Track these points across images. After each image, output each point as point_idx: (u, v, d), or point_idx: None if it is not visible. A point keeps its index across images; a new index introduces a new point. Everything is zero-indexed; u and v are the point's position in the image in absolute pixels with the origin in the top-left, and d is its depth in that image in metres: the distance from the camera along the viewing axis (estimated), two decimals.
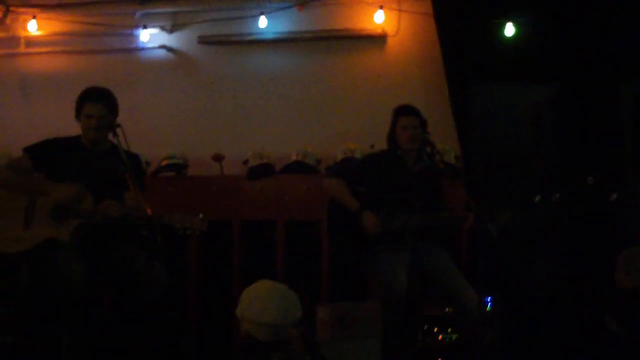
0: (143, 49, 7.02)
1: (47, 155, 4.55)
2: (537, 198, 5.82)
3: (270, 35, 6.79)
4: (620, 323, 4.62)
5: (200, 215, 4.31)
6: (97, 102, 4.57)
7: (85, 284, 4.25)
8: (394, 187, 4.84)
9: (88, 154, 4.58)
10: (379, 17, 6.56)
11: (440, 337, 5.19)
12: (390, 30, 6.66)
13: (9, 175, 4.54)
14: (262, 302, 3.54)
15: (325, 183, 5.07)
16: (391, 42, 6.69)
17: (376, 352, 4.47)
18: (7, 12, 7.12)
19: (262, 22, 6.66)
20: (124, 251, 4.54)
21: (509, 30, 6.11)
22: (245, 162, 6.26)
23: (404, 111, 4.94)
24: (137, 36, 6.97)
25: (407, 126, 4.88)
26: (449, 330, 5.20)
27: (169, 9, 6.98)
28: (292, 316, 3.52)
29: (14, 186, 4.49)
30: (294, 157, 6.27)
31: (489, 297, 5.20)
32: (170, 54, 7.01)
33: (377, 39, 6.69)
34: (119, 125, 4.42)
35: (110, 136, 4.50)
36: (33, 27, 7.04)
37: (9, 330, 5.29)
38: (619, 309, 4.69)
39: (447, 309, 5.23)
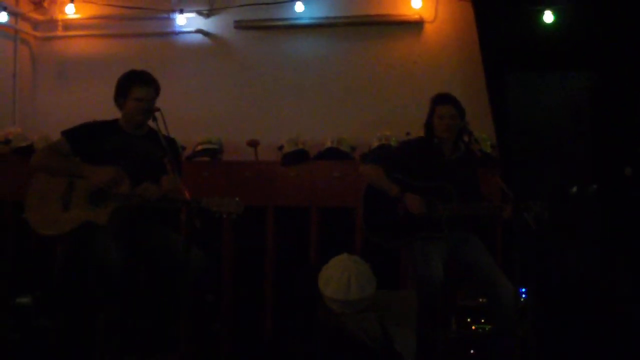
0: (179, 33, 7.04)
1: (85, 138, 4.57)
2: (574, 189, 5.79)
3: (306, 21, 6.77)
4: None
5: (237, 199, 4.31)
6: (149, 85, 4.59)
7: (122, 268, 4.28)
8: (430, 176, 4.81)
9: (126, 138, 4.60)
10: (416, 3, 6.52)
11: (473, 327, 5.17)
12: (427, 16, 6.61)
13: (48, 159, 4.57)
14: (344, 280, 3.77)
15: (362, 169, 5.04)
16: (428, 28, 6.64)
17: (410, 340, 4.47)
18: None
19: (299, 7, 6.65)
20: (162, 235, 4.57)
21: (548, 17, 6.05)
22: (280, 148, 6.26)
23: (442, 100, 4.90)
24: (173, 20, 6.99)
25: (444, 116, 4.85)
26: (482, 320, 5.18)
27: None
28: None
29: (52, 170, 4.52)
30: (328, 144, 6.25)
31: (524, 288, 5.17)
32: (206, 39, 7.02)
33: (414, 25, 6.64)
34: (158, 109, 4.45)
35: (149, 120, 4.52)
36: (71, 11, 7.08)
37: (45, 313, 5.37)
38: None
39: (480, 299, 5.21)
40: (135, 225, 4.51)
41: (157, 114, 4.42)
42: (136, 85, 4.57)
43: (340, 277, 4.32)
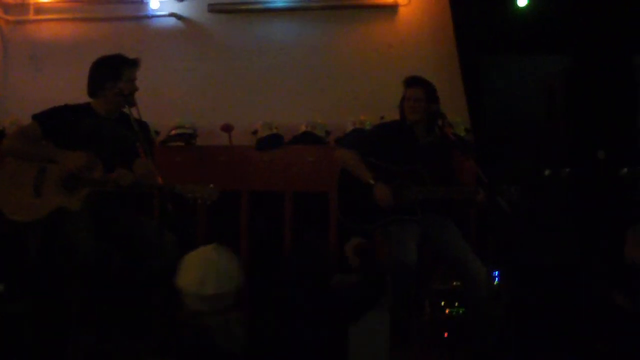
0: (153, 16, 6.99)
1: (57, 122, 4.53)
2: (547, 172, 5.81)
3: (281, 4, 6.75)
4: (627, 298, 4.62)
5: (211, 186, 4.30)
6: (137, 66, 4.62)
7: (95, 253, 4.25)
8: (403, 159, 4.81)
9: (99, 121, 4.57)
10: None
11: (447, 310, 5.19)
12: None
13: (19, 144, 4.52)
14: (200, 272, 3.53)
15: (338, 154, 5.04)
16: (402, 11, 6.63)
17: (384, 324, 4.48)
18: None
19: None
20: (134, 220, 4.54)
21: (522, 0, 6.05)
22: (254, 132, 6.25)
23: (409, 83, 4.91)
24: (146, 4, 6.95)
25: (410, 98, 4.86)
26: (456, 304, 5.20)
27: None
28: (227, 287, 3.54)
29: (23, 154, 4.48)
30: (303, 128, 6.24)
31: (497, 272, 5.19)
32: (179, 22, 6.97)
33: (389, 9, 6.63)
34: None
35: None
36: None
37: (18, 299, 5.32)
38: (626, 284, 4.68)
39: (454, 282, 5.23)
40: (108, 211, 4.48)
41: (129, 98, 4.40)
42: (128, 67, 4.58)
43: (197, 268, 3.69)
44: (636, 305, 4.56)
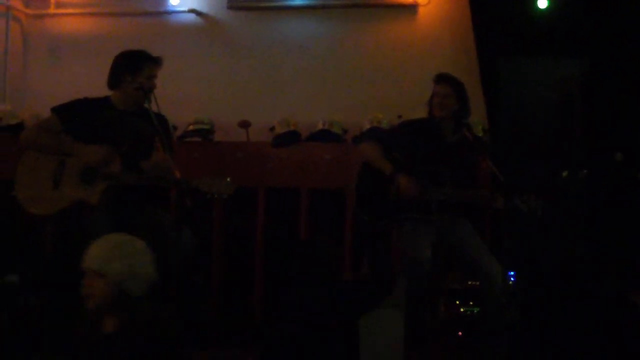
0: (172, 12, 7.00)
1: (76, 115, 4.55)
2: (565, 173, 5.80)
3: (300, 2, 6.76)
4: None
5: (228, 179, 4.31)
6: (159, 64, 4.64)
7: None
8: (427, 157, 4.80)
9: (118, 115, 4.59)
10: None
11: (461, 310, 5.19)
12: None
13: (38, 136, 4.55)
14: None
15: (362, 146, 5.03)
16: (422, 11, 6.62)
17: (398, 323, 4.48)
18: None
19: None
20: (152, 214, 4.55)
21: (542, 2, 6.05)
22: (272, 129, 6.25)
23: (438, 79, 4.90)
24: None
25: (438, 94, 4.85)
26: (471, 303, 5.20)
27: None
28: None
29: (42, 147, 4.51)
30: (320, 126, 6.24)
31: (512, 272, 5.19)
32: (199, 18, 6.98)
33: (408, 8, 6.63)
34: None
35: None
36: None
37: (33, 291, 5.35)
38: None
39: (469, 282, 5.23)
40: (125, 205, 4.49)
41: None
42: (149, 63, 4.60)
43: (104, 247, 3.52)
44: None
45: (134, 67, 4.57)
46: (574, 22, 5.95)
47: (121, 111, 4.60)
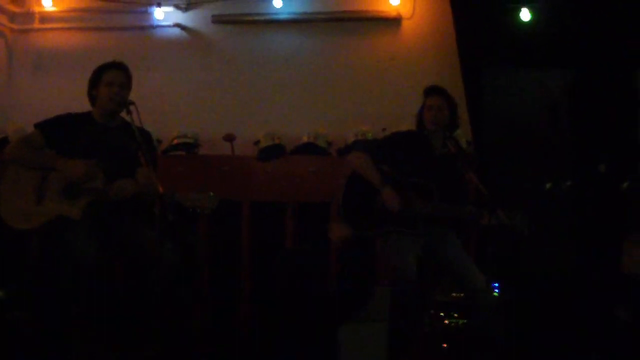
0: (157, 27, 7.01)
1: (59, 131, 4.54)
2: (549, 184, 5.82)
3: (284, 16, 6.78)
4: (627, 310, 4.62)
5: (211, 194, 4.30)
6: (119, 69, 4.60)
7: (95, 262, 4.26)
8: (416, 170, 4.79)
9: (100, 130, 4.58)
10: (394, 0, 6.52)
11: (446, 322, 5.19)
12: (405, 12, 6.63)
13: (21, 152, 4.54)
14: None
15: (351, 156, 5.02)
16: (406, 24, 6.66)
17: (383, 335, 4.48)
18: None
19: (277, 2, 6.66)
20: (135, 229, 4.54)
21: (525, 15, 6.09)
22: (257, 142, 6.26)
23: (431, 91, 4.90)
24: (151, 14, 6.96)
25: (432, 107, 4.84)
26: (456, 315, 5.20)
27: None
28: None
29: (26, 162, 4.49)
30: (305, 139, 6.26)
31: (497, 284, 5.20)
32: (184, 33, 7.00)
33: (392, 22, 6.66)
34: (132, 103, 4.42)
35: (123, 113, 4.50)
36: (48, 3, 7.05)
37: (19, 306, 5.33)
38: (626, 296, 4.69)
39: (454, 294, 5.23)
40: (108, 220, 4.48)
41: (131, 107, 4.39)
42: (107, 70, 4.57)
43: None
44: (636, 316, 4.57)
45: (94, 79, 4.59)
46: (557, 33, 5.99)
47: (103, 126, 4.59)
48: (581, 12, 5.88)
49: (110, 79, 4.54)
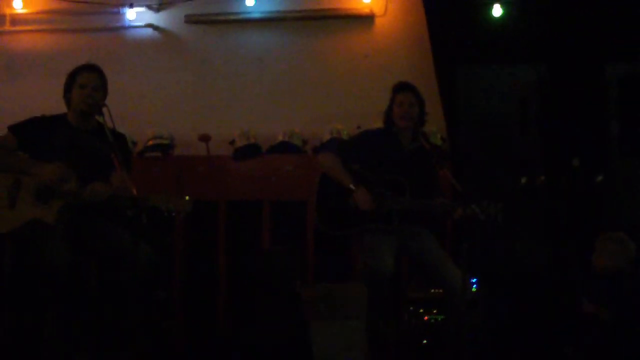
0: (129, 27, 6.97)
1: (32, 133, 4.50)
2: (523, 180, 5.86)
3: (257, 15, 6.76)
4: (595, 306, 4.67)
5: (187, 197, 4.29)
6: (92, 71, 4.56)
7: (70, 265, 4.23)
8: (386, 167, 4.80)
9: (74, 133, 4.54)
10: None
11: (425, 318, 5.21)
12: (377, 10, 6.64)
13: None
14: None
15: (320, 157, 5.04)
16: (379, 22, 6.67)
17: (361, 333, 4.50)
18: None
19: (249, 1, 6.64)
20: (109, 231, 4.51)
21: (497, 11, 6.13)
22: (232, 142, 6.25)
23: (402, 88, 4.92)
24: (123, 15, 6.93)
25: (403, 103, 4.86)
26: (434, 311, 5.22)
27: None
28: None
29: None
30: (280, 138, 6.26)
31: (474, 279, 5.22)
32: (156, 33, 6.97)
33: (365, 19, 6.67)
34: (105, 105, 4.39)
35: (96, 115, 4.48)
36: (18, 5, 7.00)
37: None
38: (593, 292, 4.74)
39: (432, 290, 5.25)
40: (82, 223, 4.46)
41: (104, 109, 4.37)
42: (80, 72, 4.54)
43: None
44: (603, 312, 4.61)
45: (69, 82, 4.57)
46: (529, 29, 6.03)
47: (77, 129, 4.56)
48: (552, 8, 5.92)
49: (84, 81, 4.51)
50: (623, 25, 5.77)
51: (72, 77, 4.56)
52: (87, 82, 4.51)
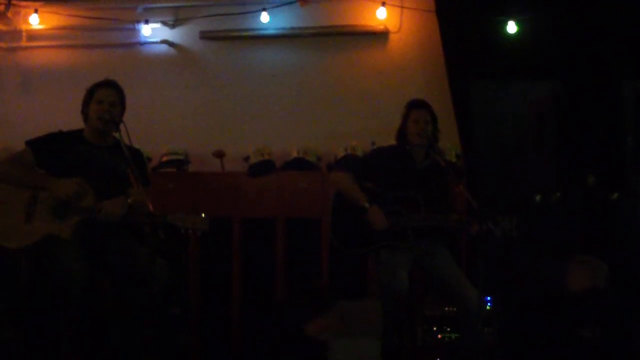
0: (145, 43, 7.00)
1: (50, 149, 4.52)
2: (538, 197, 5.83)
3: (272, 31, 6.78)
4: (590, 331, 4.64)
5: (203, 215, 4.29)
6: (110, 87, 4.58)
7: (85, 280, 4.24)
8: (400, 184, 4.80)
9: (91, 149, 4.56)
10: (381, 14, 6.54)
11: (439, 336, 5.19)
12: (392, 26, 6.65)
13: (11, 169, 4.51)
14: None
15: (333, 176, 5.05)
16: (393, 38, 6.68)
17: (376, 350, 4.47)
18: (9, 5, 7.10)
19: (264, 17, 6.66)
20: (126, 247, 4.51)
21: (511, 27, 6.13)
22: (246, 158, 6.26)
23: (417, 105, 4.92)
24: (138, 31, 6.95)
25: (419, 120, 4.85)
26: (448, 329, 5.20)
27: (170, 4, 6.97)
28: None
29: (15, 180, 4.47)
30: (294, 154, 6.26)
31: (489, 297, 5.20)
32: (171, 49, 7.00)
33: (379, 36, 6.68)
34: (121, 122, 4.41)
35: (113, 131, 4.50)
36: (35, 21, 7.03)
37: (8, 325, 5.30)
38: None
39: (446, 308, 5.23)
40: (98, 238, 4.46)
41: (120, 126, 4.38)
42: (98, 88, 4.57)
43: None
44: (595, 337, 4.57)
45: (87, 98, 4.59)
46: (544, 45, 6.03)
47: (94, 145, 4.57)
48: (567, 24, 5.92)
49: (101, 96, 4.54)
50: (639, 41, 5.76)
51: (90, 92, 4.58)
52: (104, 97, 4.53)
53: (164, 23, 6.97)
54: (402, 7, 6.63)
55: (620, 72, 5.97)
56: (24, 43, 7.21)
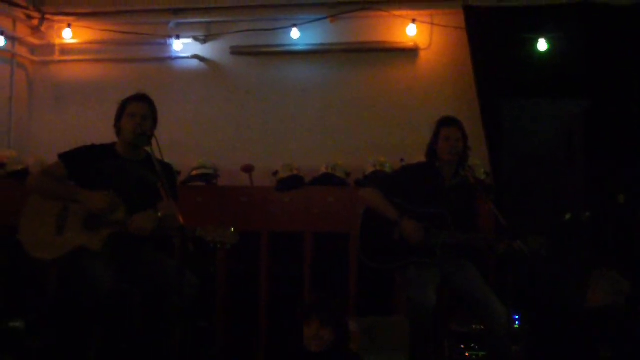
0: (176, 58, 7.08)
1: (82, 162, 4.56)
2: (568, 216, 5.80)
3: (302, 47, 6.82)
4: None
5: (232, 229, 4.30)
6: (142, 101, 4.62)
7: (114, 293, 4.27)
8: (429, 201, 4.80)
9: (122, 163, 4.59)
10: (411, 31, 6.57)
11: (467, 354, 5.16)
12: (422, 43, 6.66)
13: (43, 182, 4.57)
14: None
15: (362, 192, 5.05)
16: (423, 55, 6.69)
17: None
18: (42, 20, 7.22)
19: (295, 33, 6.70)
20: (155, 260, 4.55)
21: (542, 45, 6.12)
22: (275, 173, 6.28)
23: (448, 122, 4.91)
24: (170, 46, 7.03)
25: (450, 137, 4.85)
26: (475, 346, 5.18)
27: (202, 19, 7.04)
28: None
29: (47, 193, 4.52)
30: (323, 169, 6.27)
31: (517, 314, 5.17)
32: (202, 64, 7.06)
33: (409, 52, 6.70)
34: (152, 135, 4.44)
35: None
36: (68, 35, 7.14)
37: (38, 336, 5.35)
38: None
39: (473, 325, 5.20)
40: (128, 251, 4.50)
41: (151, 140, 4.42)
42: (131, 102, 4.60)
43: None
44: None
45: (119, 111, 4.62)
46: (574, 63, 6.01)
47: (125, 159, 4.61)
48: (597, 41, 5.90)
49: (133, 110, 4.57)
50: None
51: (123, 106, 4.62)
52: (136, 111, 4.57)
53: (195, 38, 7.04)
54: (432, 24, 6.65)
55: None
56: (56, 57, 7.34)
